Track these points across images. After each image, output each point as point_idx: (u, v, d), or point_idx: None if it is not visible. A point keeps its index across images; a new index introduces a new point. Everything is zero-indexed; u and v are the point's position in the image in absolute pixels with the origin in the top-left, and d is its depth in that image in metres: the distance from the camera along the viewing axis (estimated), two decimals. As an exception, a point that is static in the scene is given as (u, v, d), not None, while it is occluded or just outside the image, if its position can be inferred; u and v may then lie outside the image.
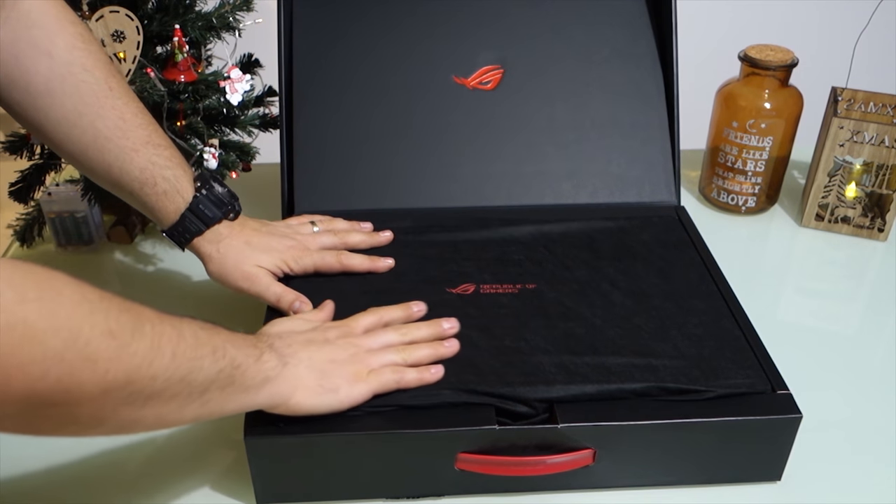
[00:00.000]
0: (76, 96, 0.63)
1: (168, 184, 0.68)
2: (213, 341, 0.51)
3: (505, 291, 0.71)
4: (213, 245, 0.71)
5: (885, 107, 0.95)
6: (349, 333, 0.63)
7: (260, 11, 0.88)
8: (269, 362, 0.55)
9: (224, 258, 0.71)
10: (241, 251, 0.71)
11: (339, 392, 0.58)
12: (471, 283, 0.72)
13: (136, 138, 0.66)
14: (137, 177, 0.66)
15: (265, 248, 0.72)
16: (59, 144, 0.65)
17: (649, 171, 0.87)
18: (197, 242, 0.70)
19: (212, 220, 0.70)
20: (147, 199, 0.68)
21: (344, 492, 0.61)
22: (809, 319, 0.82)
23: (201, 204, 0.69)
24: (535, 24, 0.90)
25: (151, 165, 0.67)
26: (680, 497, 0.62)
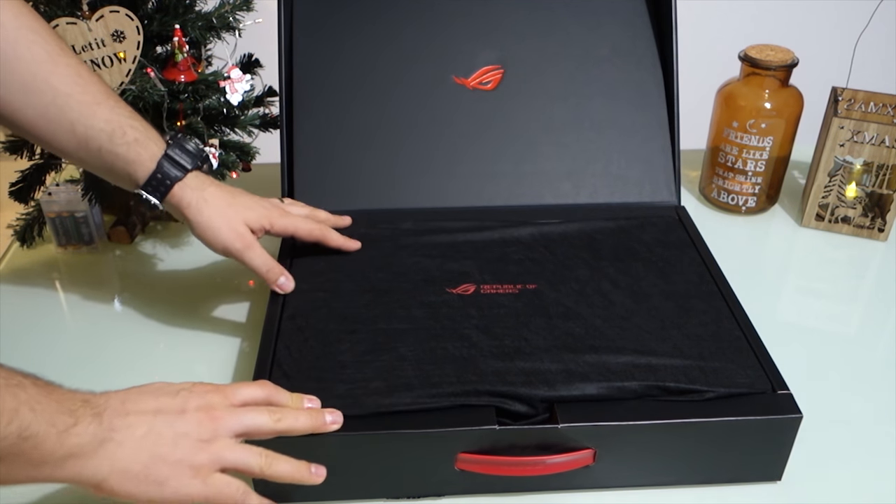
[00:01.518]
0: (29, 57, 0.62)
1: (137, 132, 0.65)
2: (5, 404, 0.44)
3: (505, 292, 0.71)
4: (198, 192, 0.67)
5: (886, 107, 0.95)
6: (213, 408, 0.54)
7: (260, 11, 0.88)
8: (80, 436, 0.47)
9: (212, 209, 0.68)
10: (228, 202, 0.69)
11: (164, 486, 0.50)
12: (471, 284, 0.72)
13: (95, 92, 0.64)
14: (104, 128, 0.64)
15: (249, 205, 0.70)
16: (15, 113, 0.62)
17: (649, 170, 0.87)
18: (178, 190, 0.67)
19: (190, 166, 0.67)
20: (118, 150, 0.65)
21: (344, 492, 0.61)
22: (809, 319, 0.82)
23: (178, 148, 0.67)
24: (535, 24, 0.90)
25: (116, 116, 0.65)
26: (680, 497, 0.62)
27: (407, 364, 0.63)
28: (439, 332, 0.66)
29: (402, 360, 0.63)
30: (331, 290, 0.72)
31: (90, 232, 0.89)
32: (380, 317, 0.68)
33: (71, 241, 0.89)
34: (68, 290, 0.85)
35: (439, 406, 0.59)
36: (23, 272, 0.88)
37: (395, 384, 0.61)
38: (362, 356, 0.64)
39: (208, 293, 0.84)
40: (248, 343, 0.77)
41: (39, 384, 0.47)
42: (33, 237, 0.91)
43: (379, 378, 0.61)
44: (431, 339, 0.65)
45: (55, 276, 0.87)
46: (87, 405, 0.49)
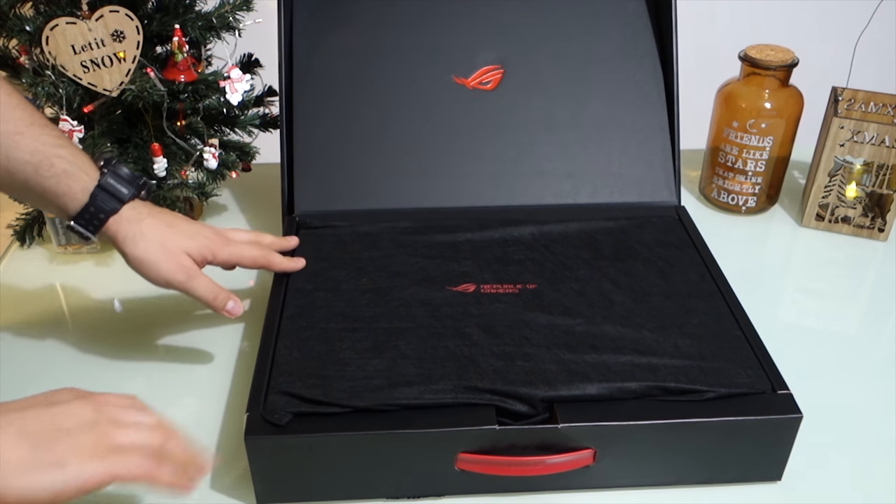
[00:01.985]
0: None
1: (66, 162, 0.61)
2: None
3: (505, 291, 0.71)
4: (134, 225, 0.63)
5: (886, 107, 0.95)
6: (92, 399, 0.50)
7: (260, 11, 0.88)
8: None
9: (149, 242, 0.64)
10: (166, 233, 0.65)
11: (65, 468, 0.45)
12: (471, 283, 0.72)
13: (16, 120, 0.60)
14: (29, 160, 0.60)
15: (190, 233, 0.67)
16: None
17: (649, 170, 0.87)
18: (113, 224, 0.63)
19: (126, 196, 0.63)
20: (46, 183, 0.60)
21: (344, 492, 0.61)
22: (809, 319, 0.82)
23: (112, 178, 0.63)
24: (535, 24, 0.90)
25: (42, 146, 0.60)
26: (680, 497, 0.62)
27: (408, 362, 0.63)
28: (440, 331, 0.66)
29: (404, 357, 0.63)
30: (331, 289, 0.72)
31: (90, 232, 0.89)
32: (380, 315, 0.68)
33: (71, 241, 0.89)
34: (68, 290, 0.85)
35: (440, 402, 0.59)
36: (23, 272, 0.88)
37: (397, 381, 0.61)
38: (363, 354, 0.64)
39: (208, 293, 0.84)
40: (248, 343, 0.77)
41: None
42: (33, 237, 0.91)
43: (380, 376, 0.61)
44: (432, 338, 0.65)
45: (55, 276, 0.87)
46: None
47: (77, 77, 0.82)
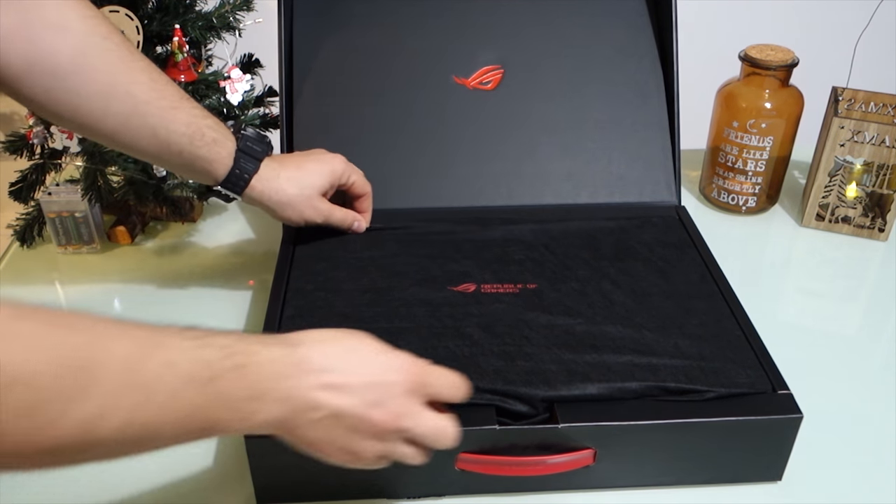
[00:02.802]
0: (105, 66, 0.61)
1: (213, 132, 0.68)
2: (198, 401, 0.43)
3: (506, 291, 0.71)
4: (273, 182, 0.72)
5: (886, 107, 0.95)
6: (402, 430, 0.51)
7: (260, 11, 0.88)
8: (260, 425, 0.47)
9: (287, 193, 0.72)
10: (299, 180, 0.73)
11: (306, 446, 0.51)
12: (472, 283, 0.72)
13: (171, 96, 0.65)
14: (185, 132, 0.66)
15: (319, 171, 0.75)
16: (97, 123, 0.62)
17: (649, 171, 0.87)
18: (256, 183, 0.71)
19: (261, 155, 0.71)
20: (199, 152, 0.67)
21: (344, 492, 0.61)
22: (809, 319, 0.82)
23: (248, 142, 0.70)
24: (535, 24, 0.90)
25: (194, 118, 0.67)
26: (680, 497, 0.62)
27: None
28: (440, 331, 0.66)
29: None
30: (332, 289, 0.72)
31: (90, 232, 0.89)
32: (380, 315, 0.68)
33: (71, 241, 0.89)
34: (68, 290, 0.85)
35: None
36: (23, 272, 0.88)
37: None
38: None
39: (208, 293, 0.84)
40: (248, 343, 0.77)
41: (240, 364, 0.45)
42: (33, 237, 0.91)
43: None
44: (433, 337, 0.65)
45: (55, 276, 0.87)
46: (280, 387, 0.47)
47: (77, 77, 0.82)
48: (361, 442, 0.50)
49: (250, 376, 0.45)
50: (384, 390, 0.50)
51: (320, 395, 0.48)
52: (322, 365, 0.48)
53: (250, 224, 0.96)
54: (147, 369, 0.41)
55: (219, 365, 0.44)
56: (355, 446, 0.50)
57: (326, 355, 0.49)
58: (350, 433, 0.49)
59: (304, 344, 0.49)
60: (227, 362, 0.44)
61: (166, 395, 0.41)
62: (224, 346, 0.45)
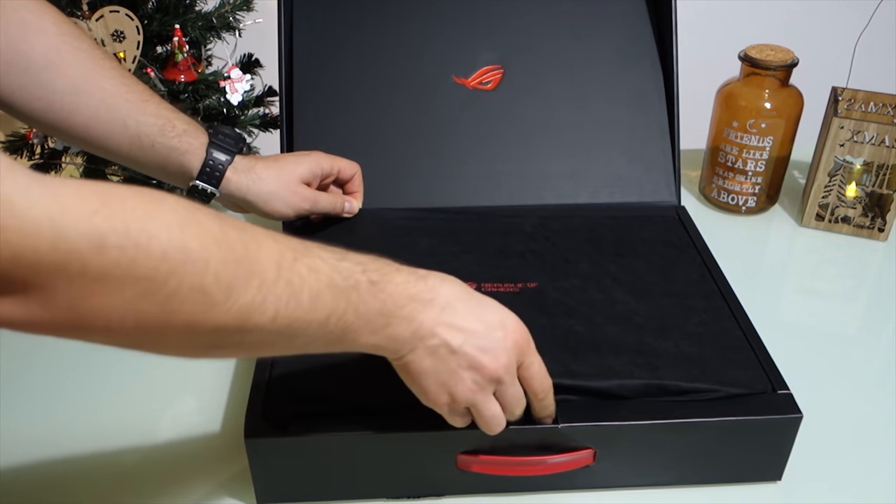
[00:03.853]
0: (77, 62, 0.64)
1: (184, 123, 0.68)
2: (336, 305, 0.46)
3: (506, 290, 0.71)
4: (250, 174, 0.71)
5: (886, 106, 0.95)
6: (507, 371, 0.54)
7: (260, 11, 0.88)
8: (388, 339, 0.50)
9: (268, 183, 0.72)
10: (279, 170, 0.72)
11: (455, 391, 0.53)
12: (472, 282, 0.72)
13: (141, 91, 0.67)
14: (155, 122, 0.66)
15: (296, 161, 0.74)
16: (68, 118, 0.64)
17: (649, 170, 0.87)
18: (232, 175, 0.70)
19: (234, 147, 0.70)
20: (171, 143, 0.67)
21: (344, 492, 0.61)
22: (809, 319, 0.82)
23: (220, 135, 0.70)
24: (536, 25, 0.90)
25: (164, 110, 0.67)
26: (680, 497, 0.62)
27: None
28: None
29: None
30: None
31: (90, 232, 0.89)
32: None
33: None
34: (68, 290, 0.85)
35: None
36: (23, 272, 0.88)
37: None
38: None
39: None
40: (248, 343, 0.77)
41: (374, 280, 0.48)
42: (33, 237, 0.90)
43: (383, 372, 0.60)
44: None
45: (55, 276, 0.87)
46: (407, 308, 0.50)
47: (77, 77, 0.82)
48: (463, 382, 0.52)
49: (382, 293, 0.49)
50: (496, 341, 0.52)
51: (440, 328, 0.51)
52: (447, 300, 0.51)
53: (250, 224, 0.96)
54: (294, 270, 0.44)
55: (354, 278, 0.47)
56: (456, 385, 0.52)
57: (449, 293, 0.52)
58: (456, 370, 0.51)
59: (431, 276, 0.52)
60: (363, 276, 0.48)
61: (310, 295, 0.45)
62: (360, 261, 0.49)
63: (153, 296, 0.38)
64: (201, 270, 0.39)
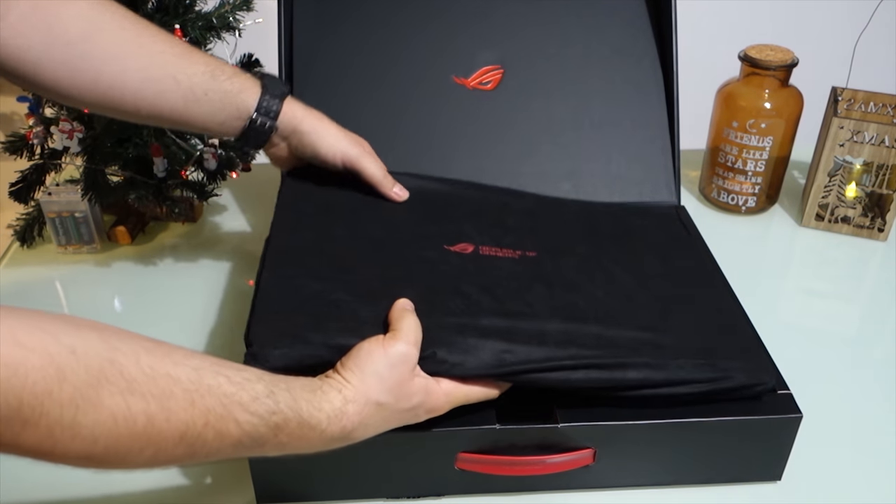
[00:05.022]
0: (114, 27, 0.63)
1: (231, 67, 0.68)
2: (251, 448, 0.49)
3: (505, 255, 0.69)
4: (304, 109, 0.71)
5: (885, 107, 0.95)
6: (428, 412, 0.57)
7: (260, 11, 0.88)
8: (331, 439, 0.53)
9: (322, 119, 0.72)
10: (326, 119, 0.72)
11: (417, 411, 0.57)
12: (469, 244, 0.70)
13: (181, 44, 0.66)
14: (205, 69, 0.66)
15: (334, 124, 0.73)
16: (121, 86, 0.63)
17: (649, 170, 0.87)
18: (288, 108, 0.69)
19: (285, 87, 0.70)
20: (224, 86, 0.67)
21: (344, 492, 0.61)
22: (809, 319, 0.82)
23: (268, 76, 0.70)
24: (536, 25, 0.90)
25: (209, 58, 0.67)
26: (680, 497, 0.62)
27: None
28: (439, 288, 0.63)
29: None
30: (323, 237, 0.68)
31: (90, 232, 0.89)
32: (376, 267, 0.65)
33: (71, 241, 0.89)
34: (68, 290, 0.85)
35: None
36: (23, 272, 0.88)
37: None
38: (358, 298, 0.60)
39: (208, 293, 0.84)
40: (248, 343, 0.77)
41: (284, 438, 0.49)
42: (33, 237, 0.91)
43: (375, 320, 0.58)
44: (431, 293, 0.62)
45: (55, 276, 0.87)
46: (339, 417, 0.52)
47: (77, 77, 0.82)
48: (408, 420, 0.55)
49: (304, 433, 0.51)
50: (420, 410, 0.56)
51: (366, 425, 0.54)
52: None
53: (250, 224, 0.96)
54: (200, 436, 0.46)
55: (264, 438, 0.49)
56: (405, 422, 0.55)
57: None
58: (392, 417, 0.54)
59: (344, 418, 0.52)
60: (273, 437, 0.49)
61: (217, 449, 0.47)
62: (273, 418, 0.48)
63: None
64: None
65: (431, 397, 0.55)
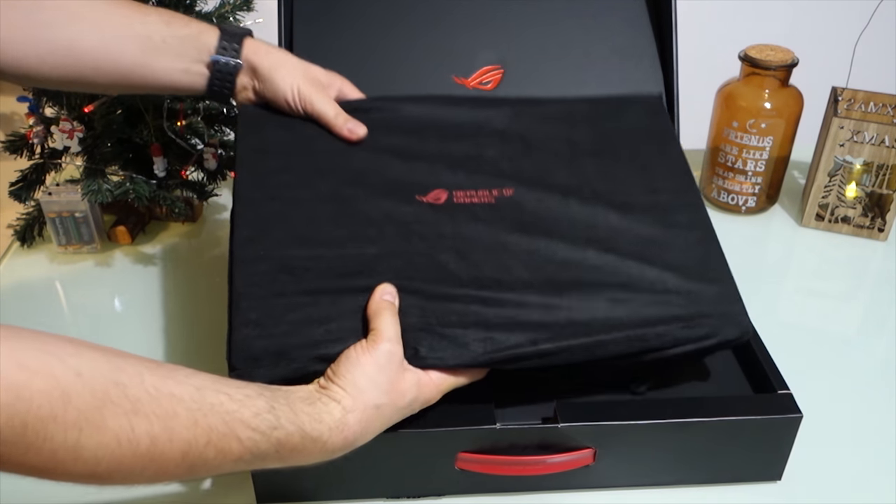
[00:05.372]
0: None
1: (187, 16, 0.68)
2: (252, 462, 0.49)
3: (480, 201, 0.67)
4: (265, 44, 0.70)
5: (885, 107, 0.95)
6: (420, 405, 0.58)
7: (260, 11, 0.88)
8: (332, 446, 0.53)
9: (281, 53, 0.70)
10: (289, 54, 0.71)
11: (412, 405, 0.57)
12: (443, 190, 0.67)
13: (135, 2, 0.66)
14: (159, 19, 0.66)
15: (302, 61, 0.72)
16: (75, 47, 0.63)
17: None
18: (249, 42, 0.68)
19: (246, 29, 0.70)
20: (181, 32, 0.66)
21: (344, 492, 0.61)
22: (809, 319, 0.82)
23: (224, 23, 0.71)
24: (535, 24, 0.90)
25: (164, 9, 0.67)
26: (680, 497, 0.62)
27: None
28: (416, 261, 0.62)
29: None
30: (288, 200, 0.65)
31: (90, 232, 0.89)
32: (347, 238, 0.62)
33: (71, 241, 0.89)
34: (68, 290, 0.85)
35: None
36: (23, 272, 0.88)
37: None
38: (336, 284, 0.59)
39: (208, 293, 0.84)
40: (248, 343, 0.77)
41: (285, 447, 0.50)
42: (33, 237, 0.91)
43: (354, 317, 0.58)
44: (408, 269, 0.61)
45: (55, 276, 0.87)
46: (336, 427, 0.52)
47: (77, 77, 0.82)
48: (404, 416, 0.56)
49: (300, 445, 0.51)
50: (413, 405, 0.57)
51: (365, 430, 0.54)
52: None
53: (250, 224, 0.96)
54: (202, 456, 0.46)
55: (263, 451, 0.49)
56: (399, 419, 0.56)
57: None
58: (385, 417, 0.55)
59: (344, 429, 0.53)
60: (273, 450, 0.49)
61: (219, 465, 0.47)
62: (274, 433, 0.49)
63: None
64: None
65: (424, 390, 0.56)
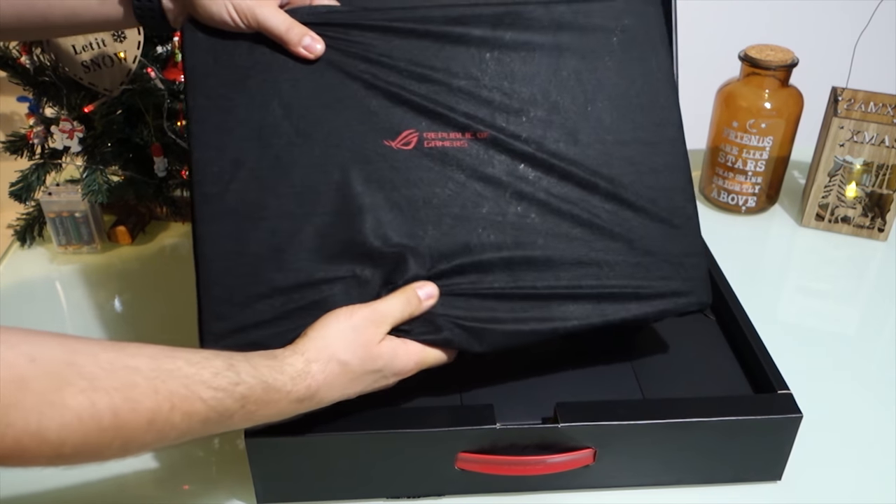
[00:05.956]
0: None
1: None
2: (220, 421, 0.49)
3: (452, 145, 0.63)
4: None
5: (886, 107, 0.95)
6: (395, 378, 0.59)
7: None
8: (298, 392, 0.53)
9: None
10: None
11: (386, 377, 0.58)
12: (413, 131, 0.63)
13: None
14: None
15: None
16: None
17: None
18: None
19: None
20: None
21: (344, 492, 0.61)
22: (809, 319, 0.82)
23: None
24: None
25: None
26: (680, 497, 0.62)
27: None
28: (382, 244, 0.60)
29: None
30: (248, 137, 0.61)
31: (90, 232, 0.89)
32: (314, 199, 0.60)
33: (71, 241, 0.89)
34: (68, 290, 0.85)
35: None
36: (23, 272, 0.88)
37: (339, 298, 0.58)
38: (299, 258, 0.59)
39: (208, 293, 0.84)
40: (248, 343, 0.77)
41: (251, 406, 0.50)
42: (33, 237, 0.91)
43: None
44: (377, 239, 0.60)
45: (55, 276, 0.87)
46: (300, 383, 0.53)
47: (78, 77, 0.82)
48: (373, 384, 0.57)
49: None
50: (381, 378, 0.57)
51: None
52: None
53: (250, 224, 0.96)
54: (169, 421, 0.46)
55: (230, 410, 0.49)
56: (366, 387, 0.57)
57: None
58: (356, 379, 0.55)
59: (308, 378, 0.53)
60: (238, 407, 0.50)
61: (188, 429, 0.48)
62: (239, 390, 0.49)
63: None
64: None
65: (399, 360, 0.57)
